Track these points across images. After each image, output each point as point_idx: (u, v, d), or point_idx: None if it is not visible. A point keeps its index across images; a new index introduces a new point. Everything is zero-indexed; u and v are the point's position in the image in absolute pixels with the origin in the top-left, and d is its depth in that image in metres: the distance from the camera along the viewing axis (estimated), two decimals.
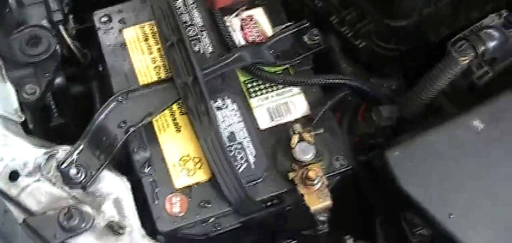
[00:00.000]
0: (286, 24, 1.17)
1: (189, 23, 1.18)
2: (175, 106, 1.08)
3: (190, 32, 1.16)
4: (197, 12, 1.19)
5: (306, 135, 1.01)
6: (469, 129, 0.93)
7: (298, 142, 1.00)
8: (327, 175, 1.00)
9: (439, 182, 0.91)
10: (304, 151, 1.00)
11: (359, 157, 1.07)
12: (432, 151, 0.94)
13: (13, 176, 1.02)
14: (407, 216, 0.96)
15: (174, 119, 1.07)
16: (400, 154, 0.94)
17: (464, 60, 0.96)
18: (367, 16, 1.15)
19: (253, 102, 1.09)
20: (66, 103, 1.25)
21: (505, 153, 0.93)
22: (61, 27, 1.22)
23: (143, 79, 1.11)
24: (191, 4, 1.20)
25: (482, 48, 0.97)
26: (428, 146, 0.94)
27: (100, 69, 1.22)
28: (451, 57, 0.96)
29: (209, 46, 1.15)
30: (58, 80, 1.19)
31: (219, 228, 1.01)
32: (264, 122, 1.07)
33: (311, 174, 0.97)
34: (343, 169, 1.03)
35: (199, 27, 1.18)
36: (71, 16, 1.27)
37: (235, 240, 1.06)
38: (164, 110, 1.06)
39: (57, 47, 1.17)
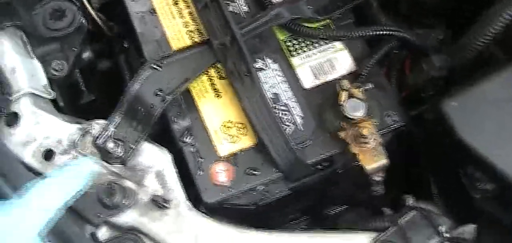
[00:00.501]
0: None
1: None
2: (212, 71, 1.03)
3: None
4: None
5: (355, 91, 0.96)
6: None
7: (347, 98, 0.95)
8: (379, 132, 0.96)
9: (502, 133, 0.87)
10: (355, 107, 0.95)
11: (411, 112, 1.02)
12: (493, 100, 0.89)
13: (48, 155, 0.97)
14: (467, 170, 0.92)
15: (213, 84, 1.02)
16: (458, 105, 0.89)
17: None
18: None
19: (295, 61, 1.04)
20: (94, 79, 1.20)
21: None
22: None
23: (176, 45, 1.06)
24: None
25: None
26: (487, 95, 0.90)
27: (125, 45, 1.18)
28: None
29: (243, 5, 1.10)
30: (86, 55, 1.14)
31: (267, 196, 0.98)
32: (308, 81, 1.02)
33: (365, 131, 0.92)
34: (395, 125, 0.99)
35: None
36: None
37: (284, 208, 1.02)
38: (201, 73, 1.01)
39: (82, 20, 1.11)
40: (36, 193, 0.80)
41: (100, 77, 1.22)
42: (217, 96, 1.01)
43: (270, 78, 1.02)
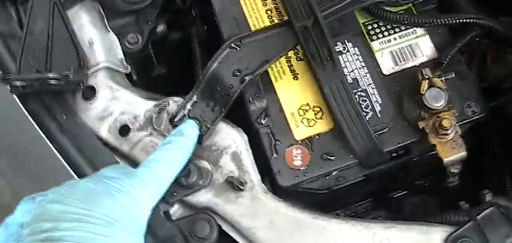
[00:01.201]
0: None
1: None
2: (291, 52, 1.02)
3: None
4: None
5: (436, 81, 0.94)
6: None
7: (428, 88, 0.94)
8: (459, 123, 0.94)
9: None
10: (436, 97, 0.93)
11: (490, 103, 1.00)
12: None
13: (124, 131, 0.99)
14: None
15: (291, 66, 1.02)
16: None
17: None
18: None
19: (375, 45, 1.03)
20: (165, 51, 1.20)
21: None
22: None
23: (254, 24, 1.05)
24: None
25: None
26: None
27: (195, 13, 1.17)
28: None
29: None
30: (160, 28, 1.14)
31: (341, 182, 0.97)
32: (387, 66, 1.01)
33: (445, 123, 0.91)
34: (476, 116, 0.97)
35: None
36: None
37: (354, 191, 1.02)
38: (281, 56, 1.00)
39: None
40: (162, 163, 0.88)
41: (171, 48, 1.21)
42: (295, 78, 1.01)
43: (350, 62, 1.01)
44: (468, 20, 1.01)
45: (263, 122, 0.98)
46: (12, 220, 0.78)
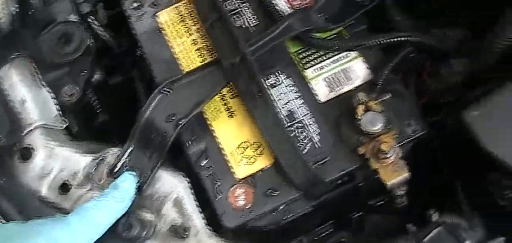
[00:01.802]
0: None
1: None
2: (225, 89, 1.00)
3: (229, 6, 1.07)
4: None
5: (372, 103, 0.92)
6: None
7: (364, 112, 0.92)
8: (400, 144, 0.92)
9: None
10: (372, 121, 0.91)
11: (429, 118, 0.98)
12: None
13: (64, 188, 0.96)
14: (493, 179, 0.89)
15: (226, 104, 1.00)
16: (480, 114, 0.86)
17: None
18: None
19: (308, 73, 1.00)
20: (106, 96, 1.17)
21: None
22: (91, 19, 1.15)
23: (186, 65, 1.03)
24: None
25: None
26: (510, 100, 0.86)
27: (138, 53, 1.14)
28: None
29: (252, 19, 1.06)
30: (97, 76, 1.12)
31: (289, 215, 0.95)
32: (323, 94, 0.99)
33: (384, 147, 0.89)
34: (416, 135, 0.95)
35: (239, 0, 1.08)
36: (100, 4, 1.19)
37: (306, 221, 1.00)
38: (214, 96, 0.98)
39: (90, 41, 1.09)
40: (93, 210, 0.86)
41: (113, 92, 1.19)
42: (231, 116, 0.99)
43: (284, 94, 0.99)
44: (398, 39, 0.99)
45: (203, 164, 0.96)
46: None
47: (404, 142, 0.94)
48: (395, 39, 0.99)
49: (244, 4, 1.07)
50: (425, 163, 1.00)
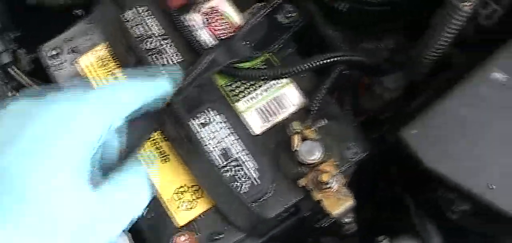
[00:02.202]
0: (255, 6, 1.02)
1: (146, 35, 1.01)
2: (157, 133, 0.95)
3: (149, 45, 1.00)
4: (152, 20, 1.02)
5: (308, 132, 0.88)
6: (491, 83, 0.82)
7: (300, 142, 0.88)
8: (341, 171, 0.89)
9: (469, 152, 0.80)
10: (310, 151, 0.87)
11: (370, 136, 0.94)
12: (454, 119, 0.82)
13: None
14: (440, 194, 0.86)
15: (158, 148, 0.94)
16: (418, 132, 0.82)
17: (468, 5, 0.81)
18: None
19: (240, 106, 0.95)
20: None
21: None
22: (12, 69, 1.09)
23: None
24: (144, 12, 1.03)
25: None
26: (447, 114, 0.82)
27: None
28: (451, 5, 0.81)
29: (174, 55, 0.99)
30: None
31: None
32: (257, 126, 0.94)
33: (324, 177, 0.85)
34: (358, 157, 0.90)
35: (158, 36, 1.01)
36: (22, 50, 1.13)
37: None
38: (143, 144, 0.93)
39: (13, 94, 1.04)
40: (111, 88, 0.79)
41: None
42: (165, 161, 0.93)
43: (217, 132, 0.93)
44: (328, 61, 0.95)
45: (142, 214, 0.91)
46: None
47: (345, 167, 0.90)
48: (324, 61, 0.95)
49: (166, 41, 1.01)
50: (372, 182, 0.97)
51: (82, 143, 0.70)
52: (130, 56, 0.98)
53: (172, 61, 0.99)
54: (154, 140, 0.95)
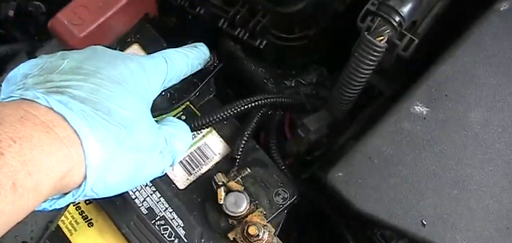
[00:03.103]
0: None
1: None
2: None
3: None
4: None
5: (233, 184, 0.85)
6: (413, 118, 0.79)
7: (225, 195, 0.85)
8: (271, 218, 0.85)
9: (397, 190, 0.78)
10: (236, 203, 0.84)
11: (301, 177, 0.92)
12: (379, 157, 0.79)
13: None
14: (375, 232, 0.83)
15: (82, 213, 0.90)
16: (344, 174, 0.79)
17: (381, 40, 0.78)
18: (257, 11, 0.97)
19: None
20: None
21: (460, 133, 0.78)
22: None
23: None
24: None
25: (397, 18, 0.78)
26: (371, 152, 0.79)
27: None
28: (366, 41, 0.78)
29: None
30: None
31: None
32: (182, 180, 0.90)
33: (251, 230, 0.81)
34: (287, 203, 0.87)
35: None
36: None
37: None
38: (66, 209, 0.89)
39: None
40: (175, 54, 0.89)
41: None
42: (90, 225, 0.89)
43: (140, 191, 0.89)
44: (245, 107, 0.92)
45: None
46: (14, 74, 0.76)
47: (275, 215, 0.86)
48: (242, 107, 0.91)
49: None
50: (309, 223, 0.95)
51: (151, 90, 0.82)
52: None
53: None
54: (76, 205, 0.90)
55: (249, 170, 0.87)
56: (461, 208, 0.76)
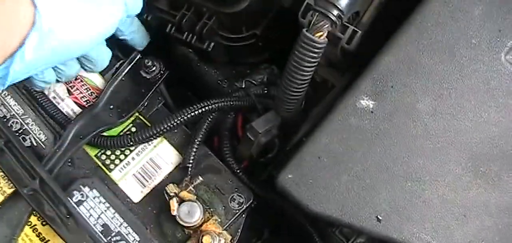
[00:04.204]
0: (116, 65, 0.96)
1: (9, 115, 0.94)
2: (34, 218, 0.88)
3: (14, 126, 0.94)
4: (12, 100, 0.96)
5: (185, 193, 0.83)
6: (360, 112, 0.77)
7: (179, 205, 0.82)
8: (228, 224, 0.84)
9: (349, 187, 0.75)
10: (190, 213, 0.82)
11: (257, 179, 0.90)
12: (327, 155, 0.77)
13: None
14: (335, 230, 0.82)
15: (39, 234, 0.87)
16: (294, 175, 0.77)
17: (321, 36, 0.75)
18: (202, 14, 0.95)
19: (115, 175, 0.89)
20: None
21: (409, 124, 0.76)
22: None
23: None
24: (2, 92, 0.96)
25: (335, 11, 0.75)
26: (320, 151, 0.77)
27: None
28: (305, 38, 0.75)
29: (40, 133, 0.93)
30: None
31: None
32: (136, 193, 0.88)
33: (206, 240, 0.79)
34: (243, 207, 0.85)
35: (21, 115, 0.94)
36: None
37: None
38: (21, 231, 0.87)
39: None
40: None
41: None
42: None
43: (93, 208, 0.87)
44: (193, 114, 0.90)
45: None
46: None
47: (232, 220, 0.84)
48: (190, 114, 0.90)
49: (29, 120, 0.94)
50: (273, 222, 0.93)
51: None
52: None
53: (39, 139, 0.92)
54: (33, 226, 0.88)
55: (200, 178, 0.85)
56: (416, 200, 0.74)
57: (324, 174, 0.77)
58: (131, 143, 0.90)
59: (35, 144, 0.92)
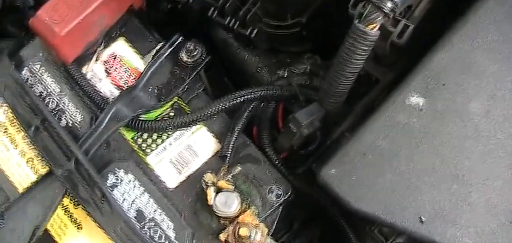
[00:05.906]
0: (156, 47, 0.95)
1: (45, 93, 0.94)
2: (66, 199, 0.87)
3: (50, 105, 0.93)
4: (49, 77, 0.95)
5: (223, 183, 0.81)
6: (409, 110, 0.74)
7: (216, 195, 0.81)
8: (265, 217, 0.82)
9: (394, 186, 0.73)
10: (227, 203, 0.80)
11: (296, 171, 0.87)
12: (373, 152, 0.75)
13: None
14: (374, 229, 0.80)
15: (71, 216, 0.87)
16: (337, 171, 0.75)
17: (373, 28, 0.72)
18: None
19: (151, 159, 0.88)
20: None
21: (459, 124, 0.74)
22: None
23: (19, 181, 0.90)
24: (39, 69, 0.96)
25: (390, 4, 0.72)
26: (366, 147, 0.75)
27: None
28: (357, 30, 0.72)
29: (77, 113, 0.92)
30: None
31: None
32: (172, 179, 0.87)
33: (242, 232, 0.78)
34: (281, 200, 0.83)
35: (58, 94, 0.94)
36: None
37: None
38: (53, 213, 0.86)
39: None
40: None
41: None
42: (79, 228, 0.86)
43: (128, 192, 0.86)
44: (235, 102, 0.88)
45: None
46: None
47: (268, 213, 0.83)
48: (233, 102, 0.88)
49: (65, 98, 0.93)
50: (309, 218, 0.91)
51: None
52: (35, 117, 0.90)
53: (75, 119, 0.91)
54: (65, 207, 0.87)
55: (240, 168, 0.83)
56: (462, 203, 0.72)
57: (368, 172, 0.74)
58: (169, 128, 0.88)
59: (70, 124, 0.91)
